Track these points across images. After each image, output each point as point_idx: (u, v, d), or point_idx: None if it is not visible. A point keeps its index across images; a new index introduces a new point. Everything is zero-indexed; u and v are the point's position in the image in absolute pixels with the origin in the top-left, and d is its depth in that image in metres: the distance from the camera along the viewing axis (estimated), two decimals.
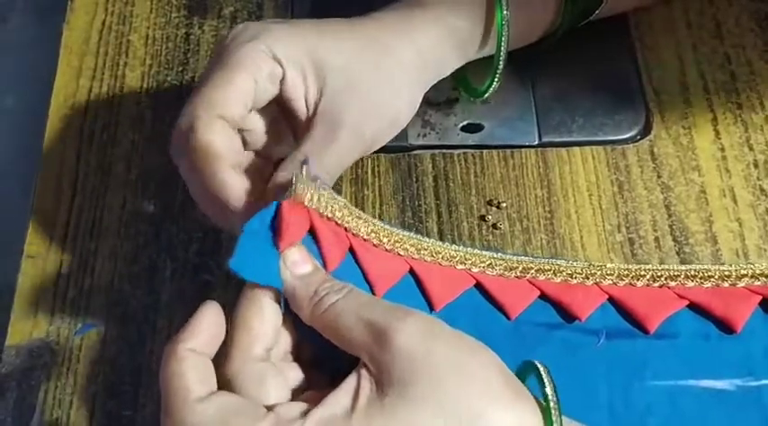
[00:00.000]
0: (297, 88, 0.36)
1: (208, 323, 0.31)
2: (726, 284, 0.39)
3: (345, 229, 0.36)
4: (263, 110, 0.38)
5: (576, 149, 0.45)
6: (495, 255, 0.39)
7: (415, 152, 0.45)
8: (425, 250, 0.38)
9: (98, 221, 0.43)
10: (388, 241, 0.37)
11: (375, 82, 0.37)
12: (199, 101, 0.34)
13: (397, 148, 0.45)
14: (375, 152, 0.44)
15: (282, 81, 0.36)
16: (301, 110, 0.37)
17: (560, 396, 0.33)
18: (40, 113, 0.47)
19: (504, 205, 0.43)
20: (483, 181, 0.44)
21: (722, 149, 0.45)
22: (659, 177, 0.44)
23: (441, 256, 0.39)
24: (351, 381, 0.29)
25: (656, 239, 0.42)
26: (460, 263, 0.39)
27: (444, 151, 0.45)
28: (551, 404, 0.30)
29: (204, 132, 0.34)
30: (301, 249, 0.32)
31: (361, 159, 0.44)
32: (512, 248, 0.42)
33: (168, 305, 0.40)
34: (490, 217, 0.43)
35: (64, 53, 0.48)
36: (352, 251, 0.36)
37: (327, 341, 0.31)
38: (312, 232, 0.33)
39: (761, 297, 0.39)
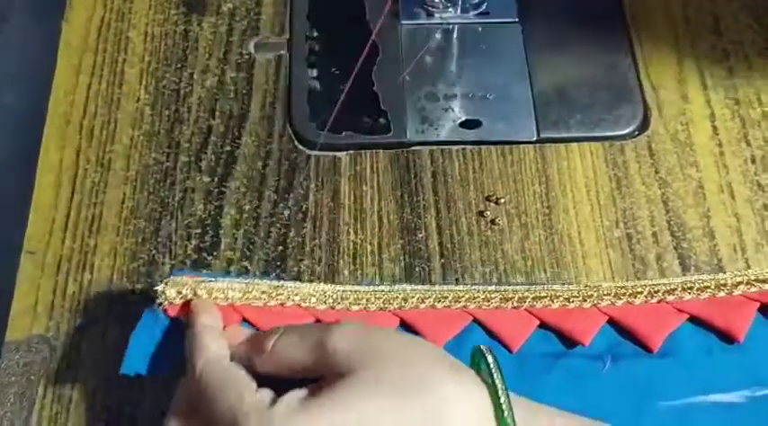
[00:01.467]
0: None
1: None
2: (723, 293, 0.38)
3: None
4: None
5: (574, 145, 0.45)
6: (489, 288, 0.39)
7: (413, 148, 0.45)
8: (413, 298, 0.38)
9: (97, 217, 0.43)
10: (368, 301, 0.38)
11: None
12: None
13: (395, 144, 0.45)
14: (374, 147, 0.45)
15: None
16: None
17: None
18: (39, 111, 0.47)
19: (503, 201, 0.43)
20: (481, 176, 0.44)
21: (720, 145, 0.45)
22: (657, 173, 0.44)
23: (433, 299, 0.38)
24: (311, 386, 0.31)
25: (654, 234, 0.42)
26: (455, 302, 0.38)
27: (443, 147, 0.45)
28: (496, 380, 0.31)
29: None
30: (240, 328, 0.36)
31: (360, 155, 0.45)
32: (510, 244, 0.42)
33: None
34: (488, 212, 0.43)
35: (63, 50, 0.48)
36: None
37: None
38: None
39: (759, 304, 0.38)
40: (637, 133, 0.45)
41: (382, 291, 0.38)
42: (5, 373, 0.39)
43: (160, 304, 0.37)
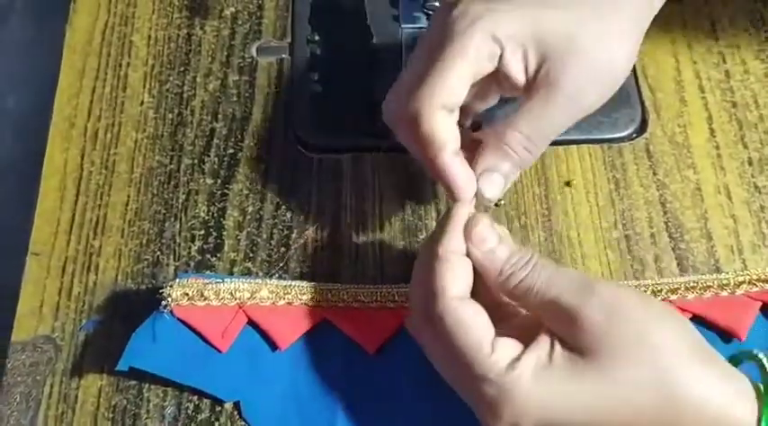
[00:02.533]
0: (516, 63, 0.35)
1: (461, 224, 0.34)
2: (725, 293, 0.39)
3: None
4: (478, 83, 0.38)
5: (573, 147, 0.45)
6: None
7: None
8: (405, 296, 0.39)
9: (102, 219, 0.43)
10: (372, 299, 0.39)
11: (596, 47, 0.36)
12: (422, 91, 0.34)
13: (396, 147, 0.45)
14: (374, 150, 0.45)
15: (501, 58, 0.35)
16: (518, 79, 0.36)
17: None
18: (41, 114, 0.47)
19: (503, 202, 0.43)
20: None
21: (717, 147, 0.45)
22: (655, 174, 0.44)
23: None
24: (544, 339, 0.31)
25: (653, 235, 0.43)
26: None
27: None
28: None
29: (427, 123, 0.34)
30: (484, 223, 0.34)
31: (362, 157, 0.45)
32: None
33: None
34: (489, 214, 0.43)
35: (67, 54, 0.49)
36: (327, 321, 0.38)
37: None
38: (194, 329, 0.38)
39: (761, 303, 0.39)
40: (635, 135, 0.46)
41: (385, 289, 0.39)
42: (12, 373, 0.39)
43: (165, 305, 0.37)
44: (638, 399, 0.30)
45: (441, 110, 0.34)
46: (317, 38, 0.49)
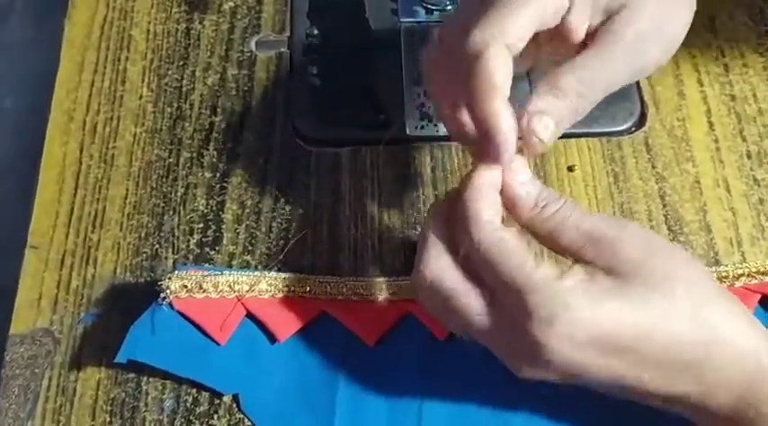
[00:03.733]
0: (580, 17, 0.35)
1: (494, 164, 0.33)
2: (724, 285, 0.39)
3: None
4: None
5: (573, 141, 0.45)
6: None
7: (413, 144, 0.45)
8: (411, 288, 0.38)
9: (101, 212, 0.43)
10: (371, 292, 0.39)
11: (659, 9, 0.35)
12: (491, 25, 0.33)
13: (395, 140, 0.45)
14: (374, 143, 0.45)
15: (568, 11, 0.35)
16: (578, 34, 0.35)
17: (575, 410, 0.35)
18: (40, 114, 0.47)
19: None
20: None
21: (716, 140, 0.45)
22: (654, 168, 0.44)
23: None
24: (579, 267, 0.31)
25: (652, 228, 0.42)
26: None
27: (442, 143, 0.45)
28: None
29: (491, 62, 0.32)
30: (520, 159, 0.34)
31: (360, 151, 0.45)
32: None
33: None
34: None
35: (66, 48, 0.49)
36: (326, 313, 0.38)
37: None
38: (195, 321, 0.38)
39: (760, 296, 0.39)
40: (634, 129, 0.46)
41: (385, 281, 0.39)
42: (10, 366, 0.39)
43: (164, 298, 0.37)
44: (674, 328, 0.30)
45: (504, 51, 0.33)
46: (315, 32, 0.49)
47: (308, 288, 0.39)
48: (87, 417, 0.38)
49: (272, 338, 0.38)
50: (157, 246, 0.42)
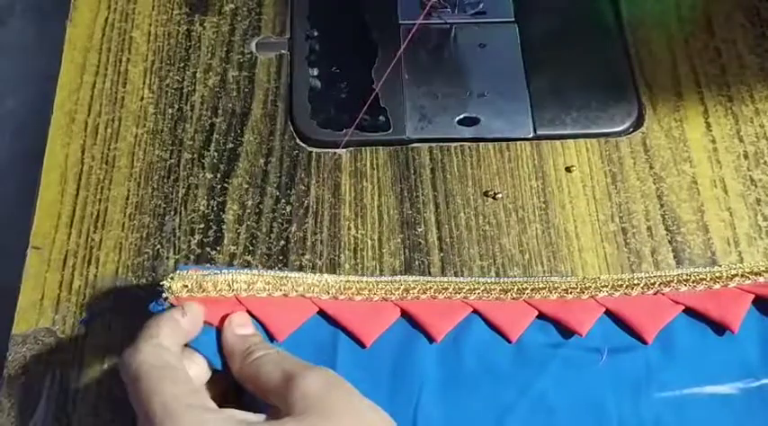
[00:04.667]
0: None
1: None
2: (718, 286, 0.39)
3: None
4: None
5: (571, 141, 0.46)
6: (489, 280, 0.39)
7: (412, 145, 0.46)
8: (415, 289, 0.39)
9: (102, 213, 0.44)
10: (371, 292, 0.39)
11: None
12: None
13: (395, 141, 0.46)
14: (374, 144, 0.45)
15: None
16: None
17: (569, 417, 0.35)
18: (40, 115, 0.48)
19: (500, 196, 0.44)
20: (479, 172, 0.45)
21: (713, 141, 0.46)
22: (651, 168, 0.45)
23: (434, 290, 0.39)
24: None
25: (649, 228, 0.43)
26: (456, 293, 0.39)
27: (441, 144, 0.46)
28: None
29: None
30: (243, 315, 0.37)
31: (360, 152, 0.45)
32: (508, 238, 0.43)
33: None
34: (486, 208, 0.43)
35: (68, 50, 0.49)
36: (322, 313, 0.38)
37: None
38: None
39: (753, 296, 0.39)
40: (632, 130, 0.46)
41: (385, 282, 0.39)
42: (12, 366, 0.39)
43: (166, 298, 0.37)
44: None
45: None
46: (315, 33, 0.50)
47: (304, 288, 0.39)
48: (89, 416, 0.38)
49: (270, 337, 0.38)
50: (159, 247, 0.43)
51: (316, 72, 0.48)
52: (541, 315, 0.39)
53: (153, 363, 0.32)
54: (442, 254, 0.42)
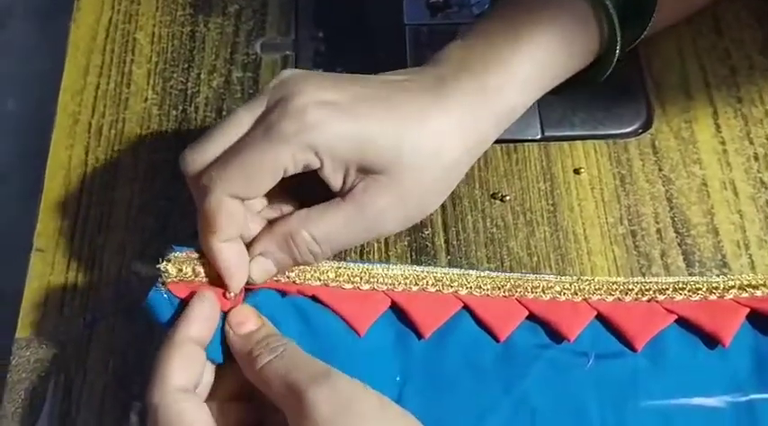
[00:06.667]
0: (333, 174, 0.35)
1: (201, 310, 0.34)
2: (714, 296, 0.39)
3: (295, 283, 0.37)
4: None
5: (579, 143, 0.45)
6: (482, 274, 0.39)
7: None
8: (407, 278, 0.38)
9: (106, 215, 0.43)
10: (362, 280, 0.38)
11: (410, 176, 0.35)
12: (223, 174, 0.34)
13: None
14: None
15: (321, 171, 0.35)
16: (334, 186, 0.36)
17: (552, 419, 0.35)
18: (42, 116, 0.47)
19: (508, 198, 0.43)
20: (487, 174, 0.44)
21: (723, 142, 0.45)
22: (661, 170, 0.44)
23: (425, 282, 0.38)
24: None
25: (659, 231, 0.42)
26: (447, 287, 0.39)
27: None
28: None
29: (213, 205, 0.34)
30: (245, 309, 0.35)
31: None
32: (515, 241, 0.42)
33: None
34: (494, 210, 0.43)
35: (71, 51, 0.49)
36: (316, 299, 0.37)
37: None
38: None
39: (748, 310, 0.38)
40: (640, 131, 0.46)
41: (375, 268, 0.38)
42: (16, 370, 0.39)
43: (163, 283, 0.35)
44: None
45: (232, 199, 0.34)
46: (320, 34, 0.49)
47: (295, 273, 0.37)
48: (93, 420, 0.38)
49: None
50: (162, 249, 0.42)
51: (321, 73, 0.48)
52: (532, 316, 0.38)
53: (163, 413, 0.31)
54: (449, 257, 0.42)
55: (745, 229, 0.42)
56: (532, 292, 0.39)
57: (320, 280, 0.38)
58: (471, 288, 0.39)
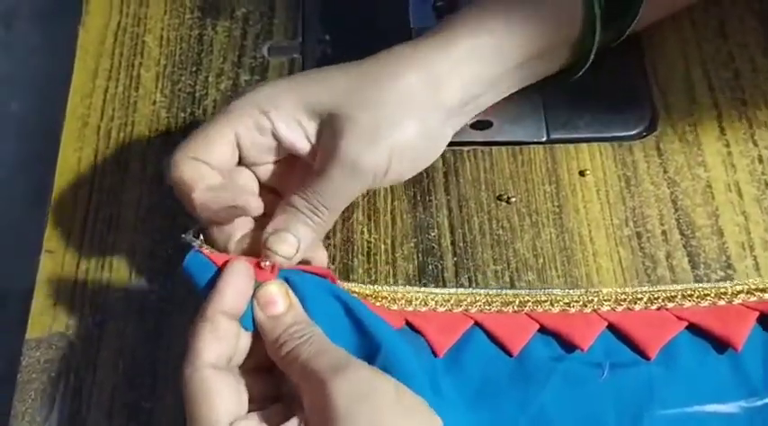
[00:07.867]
0: (293, 134, 0.37)
1: (233, 283, 0.34)
2: (722, 302, 0.39)
3: None
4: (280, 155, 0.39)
5: (584, 145, 0.45)
6: (491, 292, 0.39)
7: None
8: (417, 300, 0.39)
9: (115, 217, 0.44)
10: (376, 301, 0.38)
11: (371, 115, 0.36)
12: (183, 144, 0.37)
13: None
14: None
15: (275, 131, 0.37)
16: (301, 147, 0.38)
17: None
18: (46, 118, 0.48)
19: (514, 200, 0.44)
20: (492, 176, 0.45)
21: (727, 145, 0.45)
22: (665, 172, 0.45)
23: (435, 302, 0.39)
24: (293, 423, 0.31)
25: (664, 233, 0.43)
26: (456, 306, 0.39)
27: (454, 148, 0.45)
28: None
29: (176, 170, 0.37)
30: (274, 286, 0.34)
31: None
32: (521, 242, 0.42)
33: (185, 298, 0.41)
34: (500, 212, 0.43)
35: (80, 54, 0.49)
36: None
37: None
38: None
39: (758, 313, 0.38)
40: (645, 133, 0.46)
41: (385, 291, 0.39)
42: (26, 370, 0.39)
43: (200, 245, 0.35)
44: None
45: (190, 160, 0.36)
46: (327, 37, 0.50)
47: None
48: (103, 421, 0.38)
49: None
50: (171, 250, 0.42)
51: None
52: (543, 329, 0.38)
53: (192, 388, 0.32)
54: (455, 259, 0.42)
55: (749, 231, 0.43)
56: (541, 306, 0.39)
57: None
58: (481, 305, 0.39)
